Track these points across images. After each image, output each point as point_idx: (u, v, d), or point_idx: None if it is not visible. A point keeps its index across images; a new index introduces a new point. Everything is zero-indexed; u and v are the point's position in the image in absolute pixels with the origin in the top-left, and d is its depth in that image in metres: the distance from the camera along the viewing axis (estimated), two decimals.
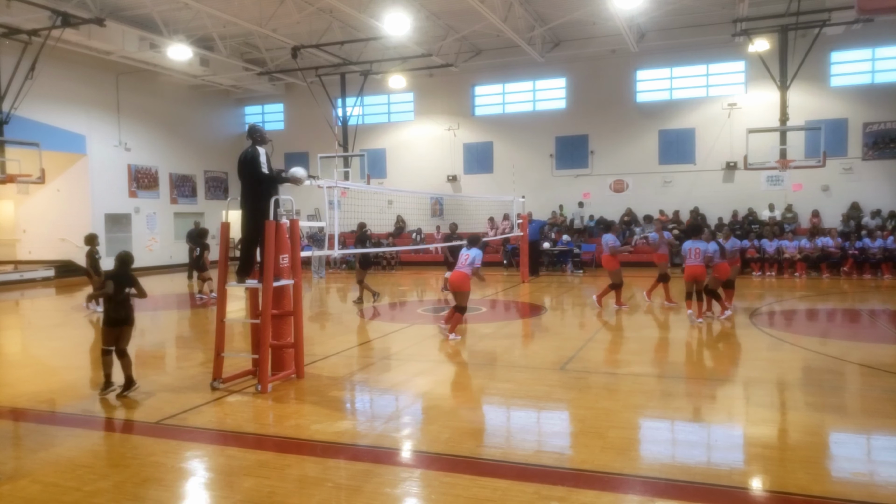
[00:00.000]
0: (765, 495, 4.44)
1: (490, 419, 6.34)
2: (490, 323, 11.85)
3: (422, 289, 18.19)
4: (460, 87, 25.94)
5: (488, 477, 4.66)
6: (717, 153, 22.78)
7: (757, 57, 19.72)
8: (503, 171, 25.24)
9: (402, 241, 24.91)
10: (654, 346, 9.59)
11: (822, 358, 8.46)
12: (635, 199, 23.70)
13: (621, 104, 24.02)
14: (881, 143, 21.27)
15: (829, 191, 21.69)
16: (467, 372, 8.24)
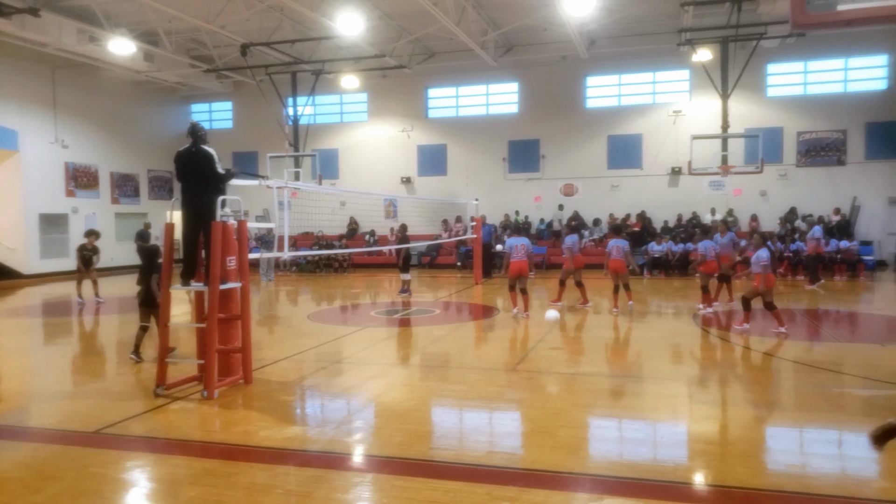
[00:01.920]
0: (707, 489, 4.59)
1: (442, 421, 6.36)
2: (443, 325, 11.88)
3: (375, 291, 18.10)
4: (414, 88, 25.94)
5: (441, 479, 4.67)
6: (662, 158, 23.40)
7: (700, 66, 20.38)
8: (457, 174, 25.39)
9: (355, 243, 24.75)
10: (604, 346, 9.78)
11: (760, 355, 8.78)
12: (585, 203, 24.13)
13: (572, 109, 24.43)
14: (813, 151, 22.23)
15: (766, 196, 22.53)
16: (420, 374, 8.24)
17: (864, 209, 21.63)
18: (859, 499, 4.32)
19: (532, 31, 21.51)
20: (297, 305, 15.91)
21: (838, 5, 5.71)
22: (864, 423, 5.99)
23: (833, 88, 22.28)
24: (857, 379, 7.40)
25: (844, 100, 21.96)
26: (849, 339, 10.45)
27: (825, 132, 22.10)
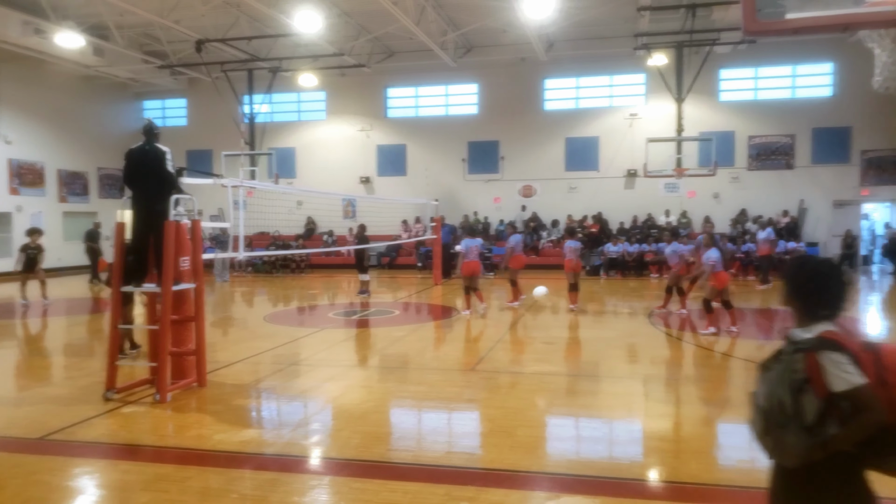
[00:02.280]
0: (661, 486, 4.67)
1: (401, 422, 6.33)
2: (402, 326, 11.84)
3: (333, 292, 17.93)
4: (373, 88, 25.81)
5: (399, 480, 4.65)
6: (619, 161, 23.77)
7: (656, 70, 20.78)
8: (417, 174, 25.35)
9: (313, 244, 24.47)
10: (561, 346, 9.88)
11: (712, 354, 8.99)
12: (543, 205, 24.36)
13: (530, 111, 24.63)
14: (763, 154, 22.91)
15: (719, 198, 23.10)
16: (379, 376, 8.19)
17: (810, 212, 22.37)
18: None
19: (491, 32, 21.61)
20: (253, 307, 15.66)
21: (787, 14, 5.89)
22: None
23: (782, 94, 22.99)
24: None
25: (792, 105, 22.69)
26: None
27: (775, 136, 22.80)
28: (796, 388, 2.40)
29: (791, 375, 2.42)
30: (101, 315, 13.31)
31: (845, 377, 2.32)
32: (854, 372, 2.33)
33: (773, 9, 5.81)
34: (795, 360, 2.43)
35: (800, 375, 2.40)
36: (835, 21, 6.34)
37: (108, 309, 8.13)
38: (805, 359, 2.41)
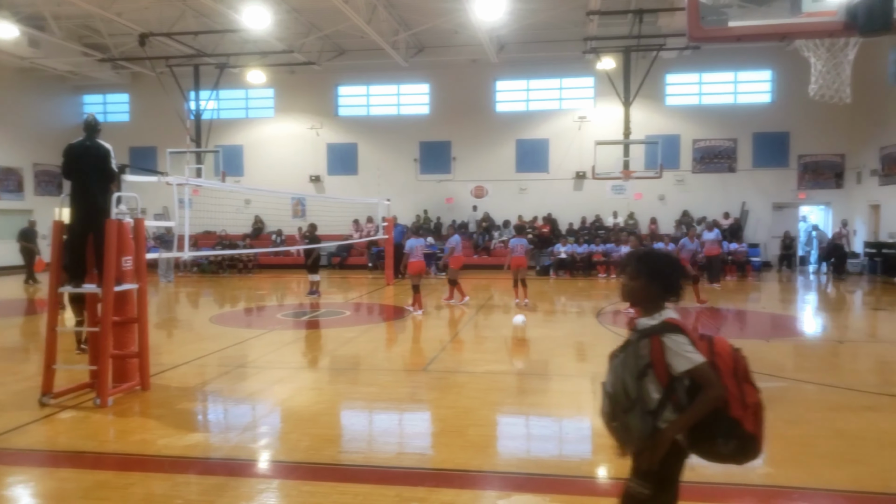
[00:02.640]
0: (610, 483, 4.75)
1: (352, 424, 6.27)
2: (354, 327, 11.74)
3: (282, 293, 17.66)
4: (323, 86, 25.53)
5: (349, 483, 4.60)
6: (568, 163, 24.14)
7: (604, 74, 21.19)
8: (368, 174, 25.20)
9: (261, 243, 24.06)
10: (513, 345, 9.96)
11: None
12: (494, 205, 24.53)
13: (482, 112, 24.78)
14: (707, 157, 23.63)
15: (664, 200, 23.71)
16: (329, 377, 8.10)
17: (751, 214, 23.17)
18: (746, 485, 4.59)
19: (443, 33, 21.66)
20: (199, 308, 15.29)
21: (729, 22, 6.09)
22: None
23: (724, 100, 23.75)
24: None
25: (734, 111, 23.46)
26: (738, 336, 11.13)
27: (718, 140, 23.53)
28: (641, 373, 2.56)
29: (636, 361, 2.58)
30: (38, 317, 12.78)
31: (688, 356, 2.49)
32: (695, 351, 2.51)
33: (716, 17, 6.00)
34: (641, 346, 2.59)
35: (644, 360, 2.57)
36: (773, 30, 6.59)
37: (45, 310, 7.80)
38: (650, 343, 2.57)
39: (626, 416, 2.60)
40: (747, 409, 2.54)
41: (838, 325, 12.18)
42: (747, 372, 2.61)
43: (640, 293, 2.70)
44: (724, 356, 2.58)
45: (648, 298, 2.69)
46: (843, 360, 8.91)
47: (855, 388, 7.08)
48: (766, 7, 8.90)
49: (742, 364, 2.61)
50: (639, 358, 2.58)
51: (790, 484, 4.56)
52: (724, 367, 2.55)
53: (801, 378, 7.54)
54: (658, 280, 2.67)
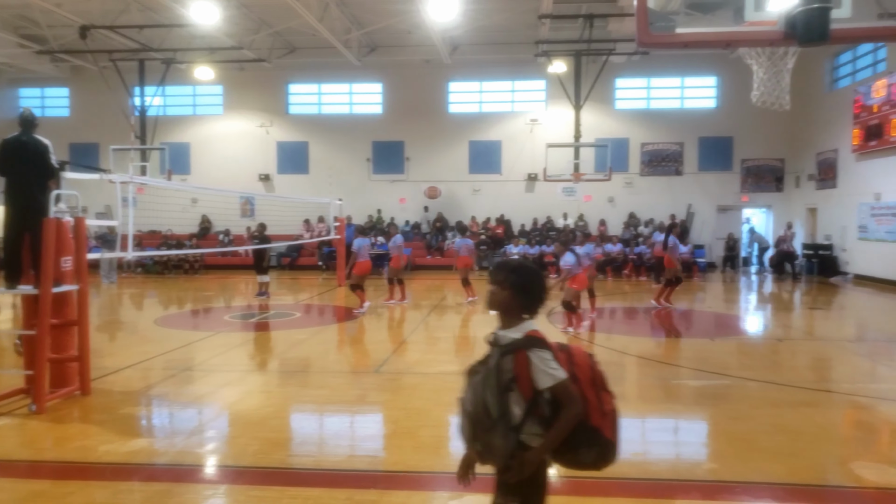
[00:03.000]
0: (562, 481, 4.79)
1: (302, 427, 6.18)
2: (304, 328, 11.58)
3: (230, 294, 17.29)
4: (274, 83, 25.14)
5: (300, 486, 4.53)
6: (520, 165, 24.37)
7: (555, 77, 21.48)
8: (319, 173, 24.91)
9: (208, 243, 23.52)
10: (465, 345, 9.99)
11: (608, 351, 9.36)
12: (448, 206, 24.58)
13: (435, 113, 24.80)
14: (655, 161, 24.20)
15: (613, 202, 24.17)
16: (278, 380, 7.97)
17: (697, 216, 23.81)
18: (691, 481, 4.71)
19: (397, 33, 21.59)
20: (143, 309, 14.85)
21: (676, 29, 6.25)
22: (697, 410, 6.58)
23: (671, 104, 24.36)
24: (691, 371, 8.10)
25: (681, 115, 24.08)
26: (685, 335, 11.43)
27: (665, 144, 24.12)
28: (504, 389, 2.51)
29: (499, 376, 2.53)
30: None
31: (551, 373, 2.47)
32: (558, 367, 2.50)
33: (664, 23, 6.14)
34: (505, 361, 2.54)
35: (508, 375, 2.52)
36: (718, 38, 6.79)
37: None
38: (514, 358, 2.53)
39: (488, 435, 2.52)
40: (606, 416, 2.58)
41: (778, 323, 12.62)
42: (604, 380, 2.65)
43: (505, 304, 2.66)
44: (582, 367, 2.61)
45: (511, 310, 2.66)
46: (782, 358, 9.24)
47: (794, 384, 7.34)
48: (712, 15, 9.24)
49: (599, 373, 2.65)
50: (503, 373, 2.53)
51: (734, 478, 4.70)
52: (584, 378, 2.58)
53: (744, 376, 7.78)
54: (524, 294, 2.64)
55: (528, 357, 2.50)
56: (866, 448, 5.44)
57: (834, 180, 20.64)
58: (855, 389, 7.22)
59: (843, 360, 9.09)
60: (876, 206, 18.34)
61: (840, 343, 10.24)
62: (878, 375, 8.14)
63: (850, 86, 19.76)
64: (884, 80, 17.48)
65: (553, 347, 2.57)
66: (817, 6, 5.65)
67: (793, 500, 4.41)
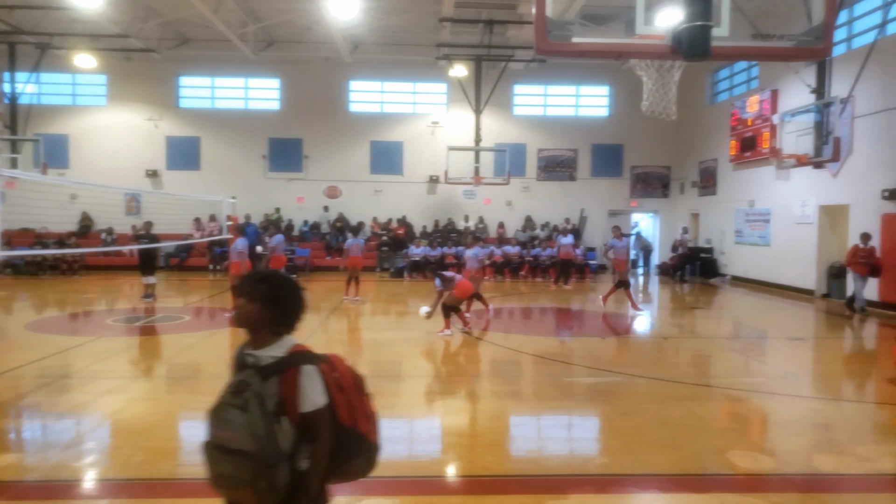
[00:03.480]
0: (458, 480, 4.84)
1: (191, 435, 5.88)
2: (194, 332, 11.05)
3: (113, 296, 16.26)
4: (164, 75, 23.89)
5: (189, 497, 4.31)
6: (422, 167, 24.46)
7: (456, 81, 21.74)
8: (212, 170, 23.89)
9: (89, 242, 22.00)
10: (364, 348, 9.89)
11: (505, 351, 9.56)
12: (349, 206, 24.28)
13: (335, 112, 24.43)
14: (550, 166, 25.00)
15: (511, 205, 24.75)
16: (166, 387, 7.55)
17: (589, 220, 24.81)
18: (584, 475, 4.88)
19: (295, 28, 21.11)
20: (13, 313, 13.68)
21: (573, 38, 6.46)
22: (589, 406, 6.83)
23: (567, 112, 25.25)
24: (583, 368, 8.41)
25: (575, 123, 25.02)
26: (578, 334, 11.85)
27: (560, 150, 24.97)
28: (273, 415, 2.26)
29: (266, 403, 2.27)
30: None
31: (313, 397, 2.30)
32: (320, 390, 2.32)
33: (561, 32, 6.34)
34: (269, 385, 2.29)
35: (275, 399, 2.28)
36: (610, 48, 7.09)
37: None
38: (280, 380, 2.30)
39: (273, 471, 2.24)
40: (370, 420, 2.54)
41: (663, 322, 13.36)
42: (363, 384, 2.58)
43: (254, 318, 2.41)
44: (345, 374, 2.47)
45: (262, 325, 2.41)
46: (667, 355, 9.77)
47: (677, 380, 7.78)
48: (606, 27, 9.60)
49: (359, 377, 2.56)
50: (268, 398, 2.27)
51: (623, 471, 4.91)
52: (348, 384, 2.46)
53: (632, 372, 8.17)
54: (275, 306, 2.41)
55: (298, 376, 2.29)
56: (740, 438, 5.84)
57: (714, 188, 22.11)
58: (731, 384, 7.75)
59: (720, 356, 9.73)
60: (750, 212, 19.82)
61: (718, 340, 10.97)
62: (751, 370, 8.78)
63: (728, 100, 21.24)
64: (756, 97, 18.88)
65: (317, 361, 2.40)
66: (700, 24, 6.01)
67: (676, 489, 4.66)
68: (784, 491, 4.67)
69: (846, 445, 5.50)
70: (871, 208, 14.33)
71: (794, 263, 17.46)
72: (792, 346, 10.53)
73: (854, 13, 15.56)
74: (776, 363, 9.15)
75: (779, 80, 17.73)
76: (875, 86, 14.02)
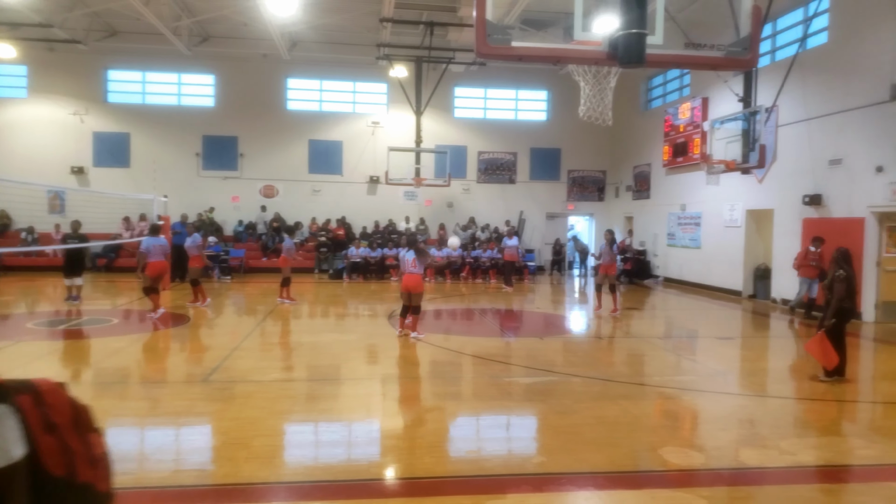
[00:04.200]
0: (397, 483, 4.80)
1: (120, 443, 5.63)
2: (122, 336, 10.61)
3: (34, 299, 15.46)
4: (91, 68, 22.90)
5: None
6: (362, 167, 24.28)
7: (397, 82, 21.66)
8: (142, 167, 23.02)
9: (8, 242, 20.86)
10: (301, 351, 9.71)
11: (445, 352, 9.57)
12: (286, 206, 23.85)
13: (272, 110, 23.98)
14: (490, 169, 25.24)
15: (453, 207, 24.85)
16: (93, 393, 7.21)
17: (528, 222, 25.15)
18: (522, 474, 4.92)
19: (231, 24, 20.61)
20: None
21: (512, 42, 6.53)
22: (527, 406, 6.90)
23: (506, 115, 25.55)
24: (521, 368, 8.50)
25: (515, 126, 25.34)
26: (517, 334, 11.98)
27: (500, 153, 25.23)
28: None
29: None
30: None
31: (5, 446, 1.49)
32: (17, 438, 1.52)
33: (501, 36, 6.39)
34: None
35: None
36: (549, 53, 7.20)
37: None
38: None
39: None
40: (97, 465, 1.76)
41: (599, 322, 13.65)
42: (89, 417, 1.76)
43: None
44: (59, 407, 1.69)
45: None
46: (602, 355, 9.99)
47: (612, 379, 7.96)
48: (545, 32, 9.77)
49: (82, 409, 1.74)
50: None
51: (560, 470, 4.97)
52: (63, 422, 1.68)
53: (569, 372, 8.31)
54: None
55: None
56: (672, 434, 6.02)
57: (648, 191, 22.77)
58: (663, 382, 7.98)
59: (653, 355, 10.01)
60: (682, 215, 20.51)
61: (651, 340, 11.29)
62: (682, 368, 9.07)
63: (662, 106, 21.94)
64: (688, 104, 19.60)
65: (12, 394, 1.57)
66: (636, 32, 6.18)
67: (612, 486, 4.75)
68: (713, 485, 4.82)
69: (770, 440, 5.74)
70: (794, 213, 15.05)
71: (723, 265, 18.16)
72: (720, 345, 10.95)
73: (777, 27, 16.32)
74: (706, 362, 9.48)
75: (709, 88, 18.40)
76: (796, 97, 14.74)
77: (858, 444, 5.74)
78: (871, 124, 12.87)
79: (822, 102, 14.22)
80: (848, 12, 13.65)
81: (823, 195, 14.12)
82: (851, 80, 13.37)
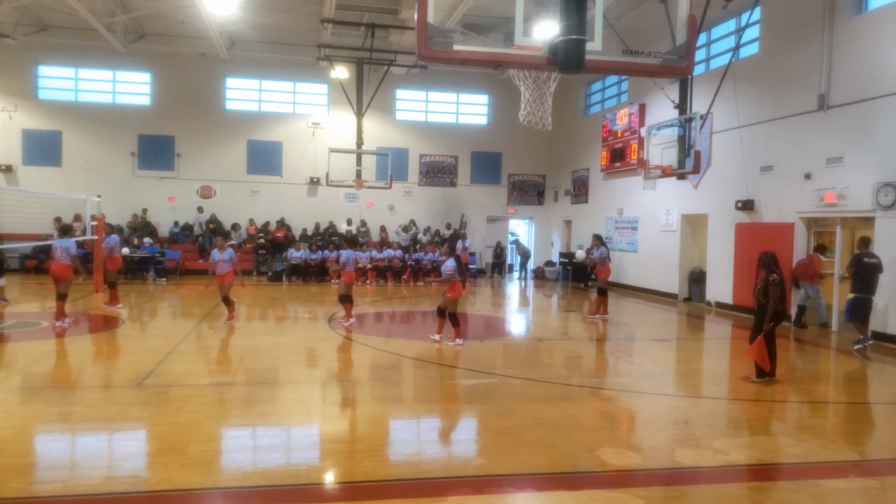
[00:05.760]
0: (337, 487, 4.78)
1: (49, 450, 5.42)
2: (51, 339, 10.18)
3: None
4: (20, 63, 21.88)
5: None
6: (302, 168, 23.98)
7: (338, 83, 21.50)
8: (75, 166, 22.08)
9: None
10: (239, 354, 9.53)
11: (386, 355, 9.56)
12: (224, 207, 23.32)
13: (210, 109, 23.43)
14: (432, 172, 25.34)
15: (394, 209, 24.81)
16: (19, 398, 6.90)
17: (469, 225, 25.33)
18: (463, 477, 4.97)
19: (168, 21, 20.05)
20: None
21: (454, 45, 6.59)
22: (467, 408, 6.97)
23: (448, 119, 25.69)
24: (462, 371, 8.57)
25: (456, 130, 25.51)
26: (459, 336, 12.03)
27: (441, 157, 25.35)
28: None
29: None
30: None
31: None
32: None
33: (442, 39, 6.44)
34: None
35: None
36: (490, 58, 7.31)
37: None
38: None
39: None
40: None
41: (539, 325, 13.89)
42: None
43: None
44: None
45: None
46: (542, 356, 10.16)
47: (551, 380, 8.12)
48: (486, 37, 9.88)
49: None
50: None
51: (500, 472, 5.05)
52: None
53: (509, 374, 8.43)
54: None
55: None
56: (610, 435, 6.18)
57: (586, 196, 23.28)
58: (601, 383, 8.20)
59: (591, 357, 10.26)
60: (619, 220, 21.05)
61: (589, 342, 11.56)
62: (619, 370, 9.32)
63: (600, 112, 22.48)
64: (626, 110, 20.15)
65: None
66: (575, 38, 6.33)
67: (551, 487, 4.84)
68: (649, 485, 4.95)
69: (704, 439, 5.95)
70: (727, 217, 15.65)
71: (659, 269, 18.72)
72: (657, 347, 11.29)
73: (712, 36, 16.96)
74: (642, 363, 9.77)
75: (646, 94, 18.95)
76: (730, 105, 15.35)
77: (787, 442, 6.00)
78: (799, 133, 13.52)
79: (754, 110, 14.85)
80: (778, 24, 14.31)
81: (755, 200, 14.74)
82: (781, 90, 14.01)
